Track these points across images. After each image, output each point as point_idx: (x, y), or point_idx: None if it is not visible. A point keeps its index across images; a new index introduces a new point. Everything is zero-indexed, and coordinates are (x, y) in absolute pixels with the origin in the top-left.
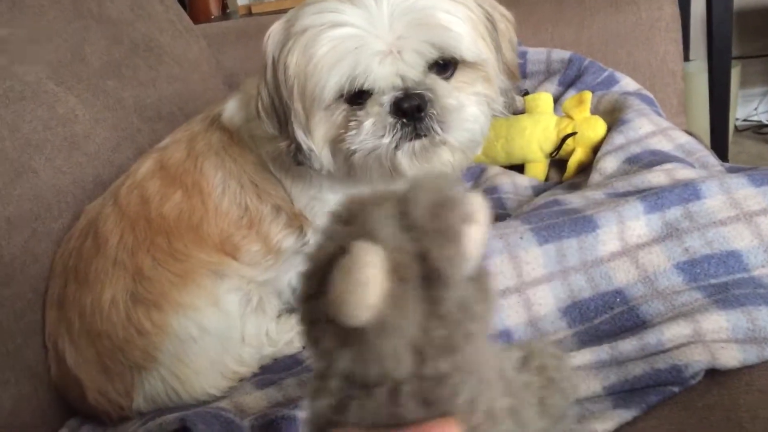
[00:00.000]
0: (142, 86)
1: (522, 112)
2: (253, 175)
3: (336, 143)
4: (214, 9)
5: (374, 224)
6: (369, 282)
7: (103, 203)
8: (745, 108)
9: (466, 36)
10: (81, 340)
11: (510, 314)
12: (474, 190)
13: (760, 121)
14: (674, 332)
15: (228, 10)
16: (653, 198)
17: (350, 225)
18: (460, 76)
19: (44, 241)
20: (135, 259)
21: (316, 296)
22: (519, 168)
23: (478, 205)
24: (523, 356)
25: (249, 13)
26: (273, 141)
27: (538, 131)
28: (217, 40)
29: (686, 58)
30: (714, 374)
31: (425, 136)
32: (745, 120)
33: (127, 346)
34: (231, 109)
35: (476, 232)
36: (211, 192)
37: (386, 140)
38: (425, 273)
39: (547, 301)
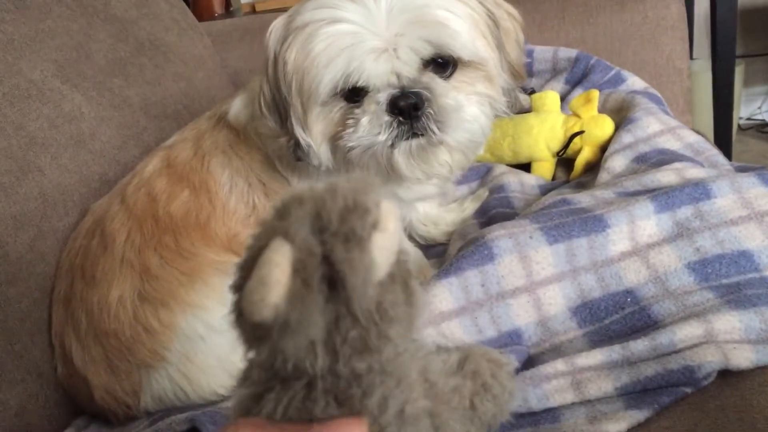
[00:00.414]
0: (147, 84)
1: (529, 110)
2: (261, 173)
3: (334, 140)
4: (218, 6)
5: (291, 223)
6: (271, 281)
7: (110, 202)
8: (749, 107)
9: (464, 33)
10: (88, 339)
11: (520, 314)
12: (389, 199)
13: (764, 120)
14: (686, 332)
15: (231, 8)
16: (664, 197)
17: (280, 220)
18: (460, 75)
19: (50, 239)
20: (142, 258)
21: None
22: (526, 167)
23: (388, 213)
24: (458, 359)
25: (252, 10)
26: (278, 138)
27: (545, 130)
28: (221, 38)
29: (690, 57)
30: (727, 375)
31: (422, 135)
32: (748, 119)
33: (134, 344)
34: (237, 107)
35: (383, 239)
36: (218, 190)
37: (382, 138)
38: (330, 276)
39: (557, 300)
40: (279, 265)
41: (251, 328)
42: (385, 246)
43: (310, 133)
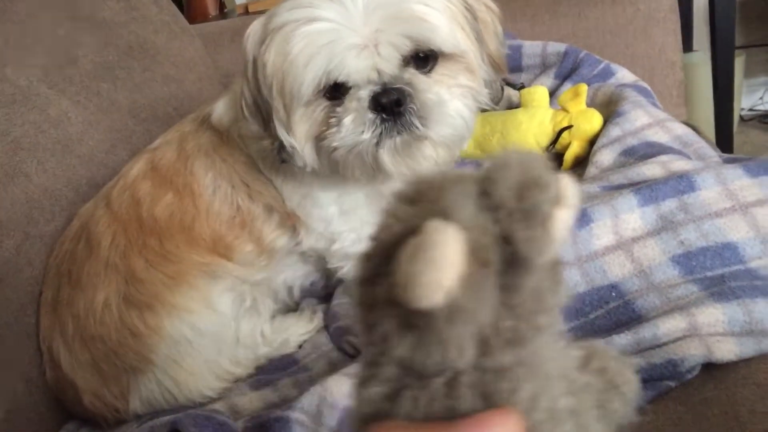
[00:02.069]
0: (136, 88)
1: (518, 106)
2: (244, 174)
3: (318, 140)
4: (212, 8)
5: (450, 203)
6: (446, 262)
7: (96, 205)
8: (750, 97)
9: (443, 27)
10: (75, 344)
11: None
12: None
13: (766, 111)
14: (670, 326)
15: (226, 9)
16: (647, 191)
17: (419, 204)
18: (441, 69)
19: (37, 244)
20: (127, 261)
21: (377, 279)
22: None
23: (570, 188)
24: (583, 356)
25: (246, 11)
26: (262, 140)
27: (533, 125)
28: (213, 40)
29: (690, 49)
30: (711, 368)
31: (406, 131)
32: (750, 109)
33: (121, 348)
34: (220, 109)
35: (565, 215)
36: (202, 192)
37: (366, 136)
38: (506, 257)
39: None
40: (451, 246)
41: (394, 320)
42: (567, 223)
43: (293, 134)
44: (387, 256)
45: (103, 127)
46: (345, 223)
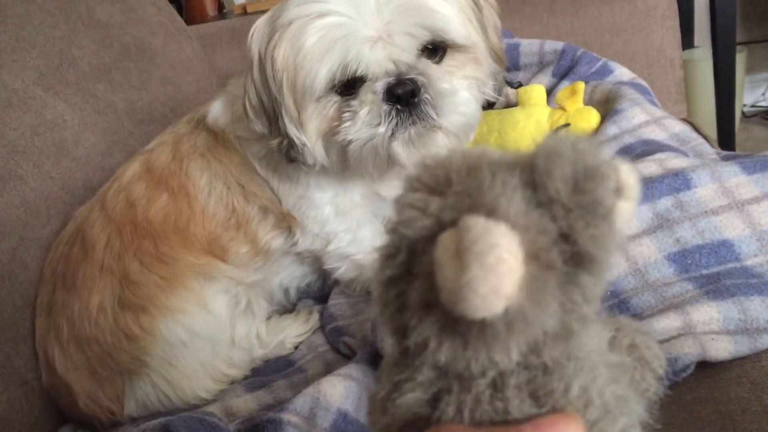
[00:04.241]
0: (133, 89)
1: (516, 104)
2: (240, 176)
3: (329, 136)
4: (210, 9)
5: (495, 197)
6: (505, 268)
7: (91, 208)
8: (753, 93)
9: (455, 18)
10: (70, 347)
11: None
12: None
13: None
14: (664, 325)
15: (225, 10)
16: (643, 189)
17: (449, 194)
18: (449, 59)
19: (33, 248)
20: (122, 264)
21: (406, 278)
22: None
23: (630, 177)
24: (612, 335)
25: (244, 12)
26: (259, 141)
27: (531, 124)
28: (210, 41)
29: (691, 45)
30: (705, 366)
31: (420, 122)
32: (752, 106)
33: (116, 351)
34: (216, 110)
35: (629, 207)
36: (197, 194)
37: (382, 129)
38: (565, 256)
39: None
40: (509, 249)
41: (433, 325)
42: (630, 216)
43: (304, 131)
44: (415, 254)
45: (100, 129)
46: (340, 223)
